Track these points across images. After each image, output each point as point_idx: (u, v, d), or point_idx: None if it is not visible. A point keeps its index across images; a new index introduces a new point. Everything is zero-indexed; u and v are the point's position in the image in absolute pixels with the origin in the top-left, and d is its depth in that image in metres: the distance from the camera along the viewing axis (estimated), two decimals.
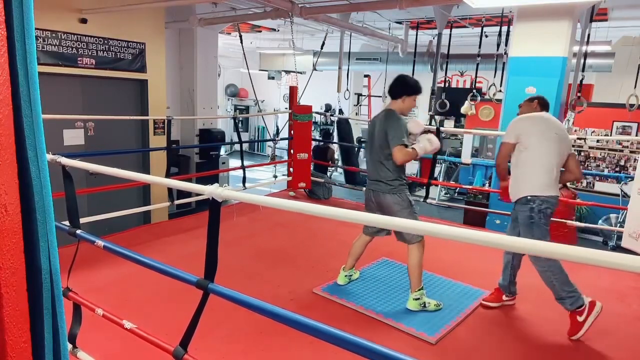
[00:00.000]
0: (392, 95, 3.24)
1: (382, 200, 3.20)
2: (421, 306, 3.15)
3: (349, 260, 3.49)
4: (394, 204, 3.16)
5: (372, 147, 3.25)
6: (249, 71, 7.13)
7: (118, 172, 2.05)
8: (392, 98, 3.24)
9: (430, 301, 3.18)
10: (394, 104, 3.22)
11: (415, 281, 3.14)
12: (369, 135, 3.34)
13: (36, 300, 0.88)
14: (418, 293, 3.15)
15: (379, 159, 3.18)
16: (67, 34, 5.21)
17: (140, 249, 3.53)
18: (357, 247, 3.47)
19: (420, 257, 3.12)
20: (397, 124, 3.08)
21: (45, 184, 0.87)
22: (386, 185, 3.17)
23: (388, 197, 3.17)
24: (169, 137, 5.02)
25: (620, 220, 6.44)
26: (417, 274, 3.13)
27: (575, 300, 2.87)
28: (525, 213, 3.00)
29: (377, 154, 3.19)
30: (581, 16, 5.22)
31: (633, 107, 5.08)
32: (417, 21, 8.35)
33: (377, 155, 3.19)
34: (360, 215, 1.37)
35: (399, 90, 3.20)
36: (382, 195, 3.19)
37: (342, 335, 1.35)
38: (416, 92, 3.21)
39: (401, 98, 3.19)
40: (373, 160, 3.25)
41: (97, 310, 2.20)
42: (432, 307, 3.16)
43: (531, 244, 1.09)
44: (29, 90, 0.82)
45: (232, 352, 2.62)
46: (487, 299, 3.32)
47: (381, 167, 3.17)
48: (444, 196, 9.52)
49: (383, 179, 3.17)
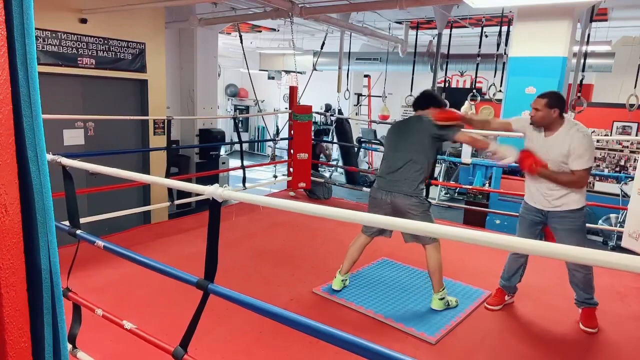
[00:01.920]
0: (419, 106, 3.31)
1: (401, 201, 3.13)
2: (445, 305, 3.19)
3: (345, 264, 3.43)
4: (415, 207, 3.11)
5: (401, 149, 3.20)
6: (249, 71, 7.13)
7: (118, 172, 2.05)
8: (419, 108, 3.30)
9: (451, 299, 3.25)
10: (422, 113, 3.26)
11: (438, 281, 3.16)
12: (395, 136, 3.31)
13: (36, 300, 0.88)
14: (442, 293, 3.18)
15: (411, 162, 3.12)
16: (67, 34, 5.21)
17: (140, 249, 3.53)
18: (354, 251, 3.42)
19: (439, 257, 3.14)
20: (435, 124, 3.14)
21: (45, 184, 0.87)
22: (409, 188, 3.11)
23: (410, 200, 3.12)
24: (169, 137, 5.02)
25: (620, 220, 6.44)
26: (439, 274, 3.15)
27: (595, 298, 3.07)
28: (581, 219, 2.97)
29: (410, 156, 3.13)
30: (581, 16, 5.23)
31: (633, 107, 5.08)
32: (417, 21, 8.35)
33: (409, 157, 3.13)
34: (361, 215, 1.37)
35: (426, 101, 3.29)
36: (403, 197, 3.12)
37: (342, 336, 1.35)
38: (441, 106, 3.31)
39: (429, 109, 3.24)
40: (399, 161, 3.17)
41: (97, 311, 2.20)
42: (453, 304, 3.24)
43: (531, 244, 1.09)
44: (29, 90, 0.82)
45: (232, 352, 2.62)
46: (490, 303, 3.29)
47: (409, 169, 3.12)
48: (444, 196, 9.52)
49: (408, 180, 3.12)
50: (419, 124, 3.20)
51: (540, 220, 3.09)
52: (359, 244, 3.42)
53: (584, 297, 3.05)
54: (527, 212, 3.15)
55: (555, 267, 3.95)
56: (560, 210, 2.95)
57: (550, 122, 2.90)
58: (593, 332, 3.00)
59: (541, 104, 2.89)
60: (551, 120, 2.89)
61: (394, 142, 3.30)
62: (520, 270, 3.26)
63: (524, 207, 3.19)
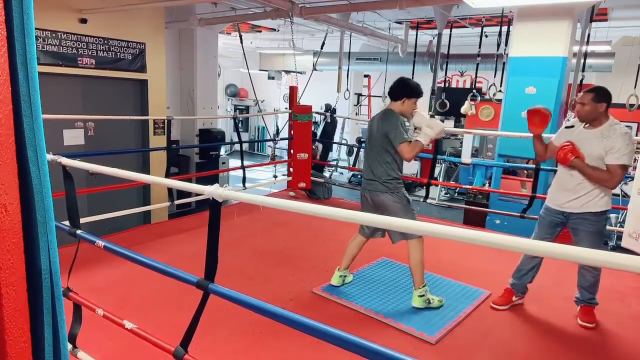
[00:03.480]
0: (392, 96, 3.23)
1: (378, 200, 3.19)
2: (426, 303, 3.15)
3: (344, 260, 3.46)
4: (392, 203, 3.15)
5: (371, 147, 3.26)
6: (249, 71, 7.13)
7: (118, 172, 2.05)
8: (392, 99, 3.24)
9: (434, 297, 3.20)
10: (394, 105, 3.21)
11: (419, 278, 3.15)
12: (368, 135, 3.34)
13: (36, 300, 0.88)
14: (422, 290, 3.16)
15: (376, 159, 3.18)
16: (67, 34, 5.21)
17: (140, 249, 3.53)
18: (353, 248, 3.45)
19: (421, 252, 3.12)
20: (396, 122, 3.08)
21: (45, 184, 0.87)
22: (382, 185, 3.16)
23: (385, 197, 3.16)
24: (169, 137, 5.02)
25: (620, 220, 6.43)
26: (419, 271, 3.13)
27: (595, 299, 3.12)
28: (602, 223, 2.98)
29: (375, 153, 3.19)
30: (581, 16, 5.23)
31: (633, 107, 5.08)
32: (417, 21, 8.35)
33: (375, 155, 3.19)
34: (361, 215, 1.37)
35: (400, 92, 3.18)
36: (379, 194, 3.18)
37: (342, 335, 1.35)
38: (417, 95, 3.19)
39: (401, 100, 3.17)
40: (370, 160, 3.25)
41: (98, 311, 2.20)
42: (436, 304, 3.17)
43: (531, 244, 1.09)
44: (29, 90, 0.82)
45: (232, 352, 2.62)
46: (496, 302, 3.27)
47: (378, 167, 3.17)
48: (444, 196, 9.52)
49: (379, 178, 3.17)
50: (384, 121, 3.16)
51: (560, 222, 3.07)
52: (357, 241, 3.45)
53: (587, 297, 3.09)
54: (548, 213, 3.13)
55: (556, 267, 3.95)
56: (584, 212, 2.92)
57: (597, 116, 2.87)
58: (590, 326, 3.02)
59: (588, 98, 2.86)
60: (597, 114, 2.87)
61: (368, 140, 3.32)
62: (533, 270, 3.24)
63: (545, 209, 3.17)
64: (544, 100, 4.82)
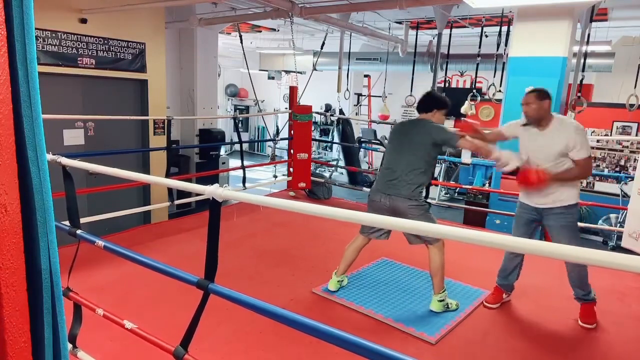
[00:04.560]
0: (423, 108, 3.28)
1: (400, 204, 3.13)
2: (445, 307, 3.16)
3: (341, 265, 3.42)
4: (414, 208, 3.11)
5: (401, 151, 3.19)
6: (249, 71, 7.12)
7: (118, 172, 2.05)
8: (422, 111, 3.28)
9: (452, 301, 3.21)
10: (426, 116, 3.25)
11: (439, 283, 3.14)
12: (398, 138, 3.28)
13: (36, 300, 0.88)
14: (442, 294, 3.15)
15: (409, 164, 3.12)
16: (67, 34, 5.21)
17: (140, 249, 3.53)
18: (351, 253, 3.40)
19: (442, 257, 3.12)
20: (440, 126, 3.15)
21: (45, 184, 0.87)
22: (407, 191, 3.10)
23: (407, 202, 3.11)
24: (169, 137, 5.01)
25: (620, 220, 6.44)
26: (440, 275, 3.13)
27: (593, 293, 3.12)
28: (574, 216, 3.03)
29: (409, 159, 3.13)
30: (581, 16, 5.22)
31: (633, 107, 5.08)
32: (417, 21, 8.34)
33: (408, 161, 3.13)
34: (360, 215, 1.37)
35: (431, 104, 3.25)
36: (402, 199, 3.12)
37: (342, 335, 1.35)
38: (446, 107, 3.27)
39: (432, 112, 3.23)
40: (399, 163, 3.17)
41: (98, 310, 2.20)
42: (453, 307, 3.20)
43: (531, 244, 1.09)
44: (29, 91, 0.82)
45: (232, 352, 2.62)
46: (488, 301, 3.31)
47: (408, 172, 3.11)
48: (444, 196, 9.52)
49: (407, 183, 3.11)
50: (422, 128, 3.18)
51: (535, 218, 3.14)
52: (355, 245, 3.41)
53: (581, 294, 3.11)
54: (523, 210, 3.19)
55: (556, 267, 3.95)
56: (557, 207, 3.00)
57: (544, 114, 2.96)
58: (590, 327, 3.05)
59: (532, 97, 2.96)
60: (544, 112, 2.95)
61: (396, 145, 3.28)
62: (516, 269, 3.28)
63: (520, 206, 3.23)
64: None
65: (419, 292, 3.45)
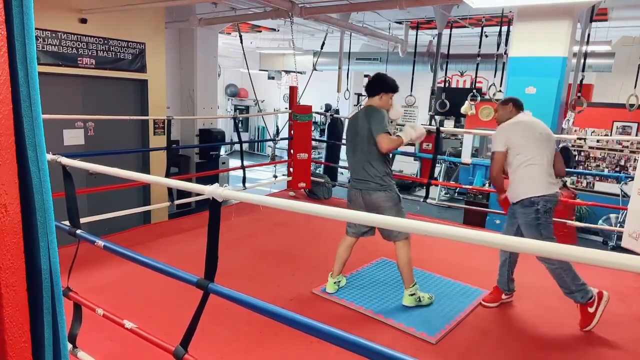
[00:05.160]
0: (369, 92, 3.28)
1: (371, 198, 3.16)
2: (417, 301, 3.17)
3: (335, 266, 3.40)
4: (384, 201, 3.14)
5: (356, 145, 3.22)
6: (249, 71, 7.13)
7: (118, 172, 2.05)
8: (369, 95, 3.27)
9: (424, 295, 3.23)
10: (372, 101, 3.24)
11: (408, 277, 3.17)
12: (350, 133, 3.30)
13: (36, 300, 0.88)
14: (413, 289, 3.17)
15: (366, 158, 3.15)
16: (67, 34, 5.21)
17: (140, 249, 3.52)
18: (343, 252, 3.40)
19: (408, 253, 3.14)
20: (378, 115, 3.10)
21: (45, 184, 0.87)
22: (376, 184, 3.13)
23: (378, 195, 3.14)
24: (169, 137, 5.02)
25: (620, 220, 6.44)
26: (408, 270, 3.15)
27: (585, 292, 2.97)
28: (531, 215, 3.03)
29: (364, 151, 3.15)
30: (581, 16, 5.22)
31: (633, 107, 5.08)
32: (417, 21, 8.34)
33: (364, 153, 3.15)
34: (360, 215, 1.37)
35: (377, 87, 3.23)
36: (372, 193, 3.15)
37: (342, 335, 1.35)
38: (393, 90, 3.25)
39: (378, 95, 3.22)
40: (359, 158, 3.20)
41: (98, 310, 2.20)
42: (426, 301, 3.20)
43: (530, 244, 1.09)
44: (29, 91, 0.82)
45: (232, 352, 2.62)
46: (486, 300, 3.32)
47: (369, 166, 3.14)
48: (444, 196, 9.52)
49: (372, 177, 3.14)
50: (365, 116, 3.16)
51: (512, 213, 3.23)
52: (346, 244, 3.41)
53: (566, 292, 3.02)
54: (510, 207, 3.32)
55: None
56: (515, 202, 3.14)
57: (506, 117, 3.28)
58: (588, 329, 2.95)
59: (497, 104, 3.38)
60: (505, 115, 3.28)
61: (351, 141, 3.29)
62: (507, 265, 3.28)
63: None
64: (544, 100, 4.83)
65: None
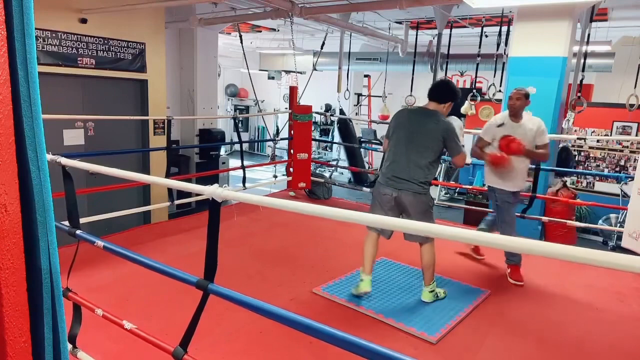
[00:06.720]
0: (438, 98, 3.17)
1: (409, 199, 3.11)
2: (434, 297, 3.29)
3: (365, 263, 3.31)
4: (419, 205, 3.12)
5: (411, 144, 3.12)
6: (249, 71, 7.12)
7: (118, 172, 2.05)
8: (435, 100, 3.18)
9: (440, 290, 3.35)
10: (438, 107, 3.17)
11: (430, 276, 3.28)
12: (403, 130, 3.19)
13: (36, 300, 0.88)
14: (432, 286, 3.29)
15: (420, 160, 3.08)
16: (67, 34, 5.21)
17: (140, 249, 3.53)
18: (370, 247, 3.33)
19: (434, 253, 3.24)
20: (454, 129, 3.12)
21: (45, 184, 0.87)
22: (419, 186, 3.10)
23: (418, 198, 3.11)
24: (169, 137, 5.01)
25: (620, 220, 6.44)
26: (432, 269, 3.27)
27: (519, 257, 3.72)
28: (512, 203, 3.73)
29: (420, 153, 3.09)
30: (581, 16, 5.23)
31: (633, 107, 5.08)
32: (417, 21, 8.34)
33: (420, 156, 3.09)
34: (360, 215, 1.37)
35: (447, 96, 3.18)
36: (412, 195, 3.10)
37: (342, 336, 1.34)
38: (457, 101, 3.34)
39: (448, 103, 3.19)
40: (411, 158, 3.10)
41: (97, 311, 2.20)
42: (442, 295, 3.33)
43: (530, 244, 1.09)
44: (29, 90, 0.82)
45: (232, 352, 2.62)
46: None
47: (418, 169, 3.09)
48: (444, 196, 9.52)
49: (417, 178, 3.09)
50: (435, 124, 3.09)
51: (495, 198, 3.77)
52: (371, 239, 3.34)
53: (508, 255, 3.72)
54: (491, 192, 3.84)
55: (556, 267, 3.96)
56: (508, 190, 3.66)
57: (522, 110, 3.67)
58: (520, 284, 3.58)
59: (520, 94, 3.64)
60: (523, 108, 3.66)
61: (405, 137, 3.16)
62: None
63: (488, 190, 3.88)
64: (544, 100, 4.83)
65: (419, 291, 3.44)
